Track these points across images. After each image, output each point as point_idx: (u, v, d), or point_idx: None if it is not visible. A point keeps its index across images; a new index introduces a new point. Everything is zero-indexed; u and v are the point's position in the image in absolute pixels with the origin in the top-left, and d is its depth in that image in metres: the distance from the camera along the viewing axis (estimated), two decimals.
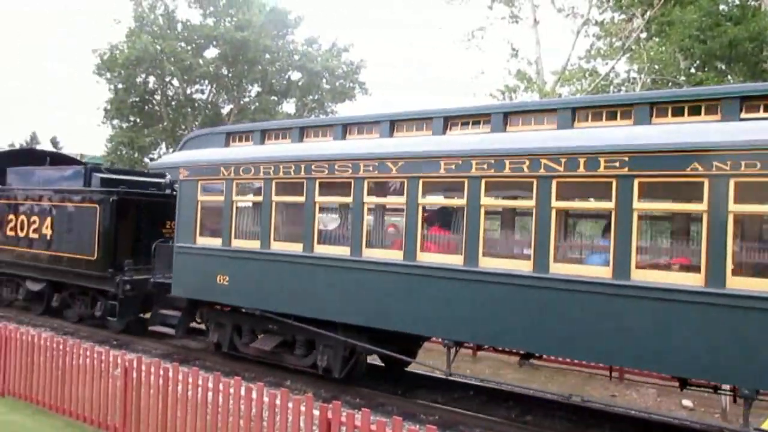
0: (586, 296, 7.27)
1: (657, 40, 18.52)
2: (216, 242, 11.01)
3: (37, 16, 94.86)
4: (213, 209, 11.32)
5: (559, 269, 7.49)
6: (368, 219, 9.64)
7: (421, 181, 8.62)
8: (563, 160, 7.44)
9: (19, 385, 8.82)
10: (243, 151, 11.01)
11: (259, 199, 10.57)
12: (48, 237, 14.65)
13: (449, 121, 8.90)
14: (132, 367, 7.43)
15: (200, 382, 6.78)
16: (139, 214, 13.90)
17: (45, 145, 40.48)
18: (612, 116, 7.63)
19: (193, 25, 30.22)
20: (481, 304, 8.02)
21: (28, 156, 17.89)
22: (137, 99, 30.53)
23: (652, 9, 18.73)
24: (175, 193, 12.04)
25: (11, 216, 15.60)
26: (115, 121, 31.24)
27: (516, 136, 8.13)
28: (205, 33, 29.35)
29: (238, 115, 29.95)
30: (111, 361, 7.71)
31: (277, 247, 10.19)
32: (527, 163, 7.72)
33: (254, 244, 10.45)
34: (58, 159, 17.96)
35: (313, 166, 9.70)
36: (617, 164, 7.08)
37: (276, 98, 31.80)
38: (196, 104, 31.64)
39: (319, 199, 9.78)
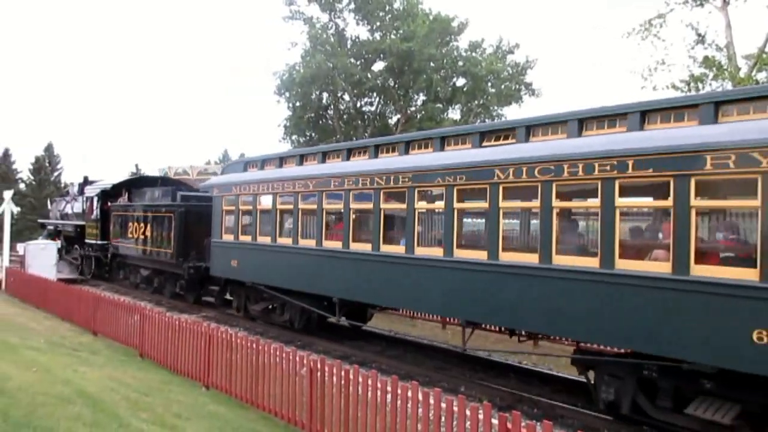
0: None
1: None
2: (231, 238, 16.38)
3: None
4: (229, 215, 16.66)
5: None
6: (303, 219, 14.08)
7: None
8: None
9: (221, 379, 9.73)
10: (246, 175, 16.40)
11: (250, 207, 15.72)
12: (149, 238, 21.27)
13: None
14: (316, 368, 7.84)
15: (379, 385, 6.97)
16: (199, 220, 18.93)
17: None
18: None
19: (361, 41, 31.54)
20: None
21: (147, 181, 25.62)
22: (312, 115, 32.50)
23: None
24: None
25: (130, 223, 22.71)
26: (294, 137, 33.50)
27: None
28: (372, 47, 30.49)
29: (405, 125, 30.67)
30: (298, 361, 8.21)
31: (261, 240, 15.25)
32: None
33: (250, 239, 15.57)
34: (165, 182, 25.21)
35: (281, 185, 14.61)
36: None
37: (441, 105, 32.08)
38: (366, 116, 32.95)
39: (280, 207, 14.69)
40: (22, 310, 17.44)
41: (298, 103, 32.00)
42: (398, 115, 32.33)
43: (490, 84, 31.07)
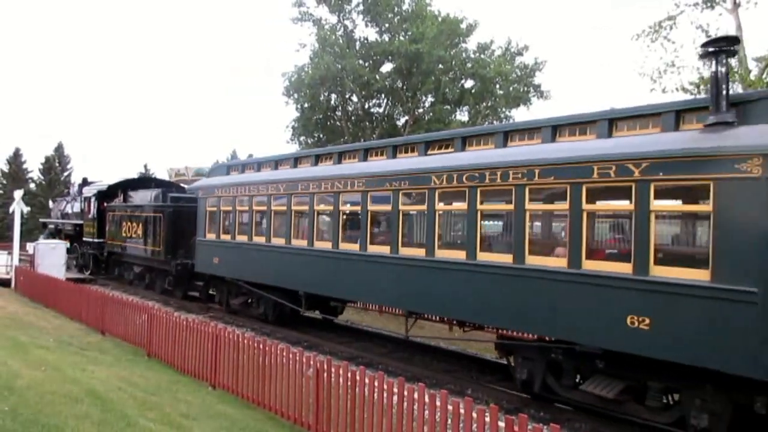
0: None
1: None
2: (213, 236, 17.73)
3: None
4: (212, 215, 17.92)
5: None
6: (275, 218, 15.39)
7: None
8: None
9: (228, 379, 9.76)
10: (227, 178, 17.72)
11: (230, 208, 16.96)
12: (141, 236, 22.55)
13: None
14: (323, 369, 7.85)
15: (385, 386, 6.97)
16: (187, 220, 19.94)
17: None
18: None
19: (370, 43, 31.58)
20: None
21: (141, 182, 26.90)
22: (321, 116, 32.56)
23: None
24: None
25: (124, 223, 23.99)
26: (302, 138, 33.57)
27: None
28: (381, 49, 30.51)
29: (413, 126, 30.68)
30: (304, 361, 8.22)
31: (239, 238, 16.45)
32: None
33: (229, 237, 16.90)
34: (159, 183, 26.36)
35: (256, 188, 15.93)
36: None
37: (449, 107, 32.06)
38: (374, 117, 32.98)
39: (255, 208, 15.99)
40: (31, 309, 17.55)
41: (306, 105, 32.07)
42: (406, 117, 32.35)
43: (498, 86, 31.03)
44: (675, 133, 8.11)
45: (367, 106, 32.84)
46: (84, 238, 27.37)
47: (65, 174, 61.19)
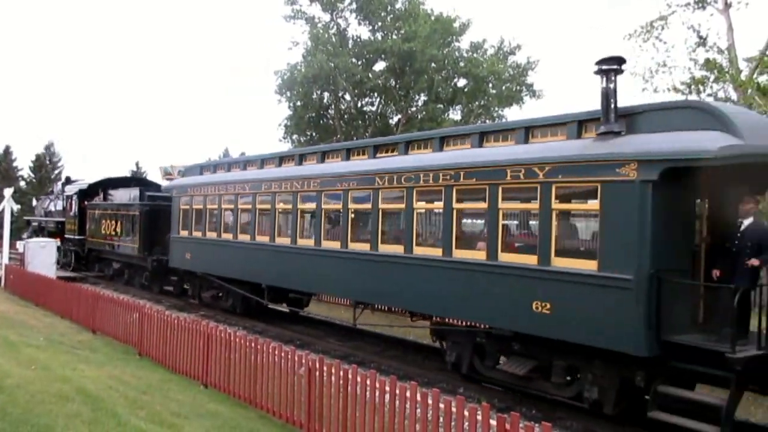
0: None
1: None
2: (186, 233, 18.68)
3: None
4: (185, 213, 18.94)
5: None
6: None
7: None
8: None
9: (220, 378, 9.73)
10: (198, 178, 18.83)
11: (201, 207, 18.03)
12: (119, 233, 23.42)
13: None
14: (315, 367, 7.84)
15: (378, 385, 6.97)
16: (162, 218, 20.89)
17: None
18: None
19: (363, 41, 31.56)
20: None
21: (121, 181, 27.24)
22: (313, 114, 32.51)
23: None
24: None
25: (103, 220, 24.84)
26: (294, 136, 33.51)
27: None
28: (374, 47, 30.51)
29: (405, 125, 30.68)
30: (296, 360, 8.21)
31: (209, 235, 17.57)
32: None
33: (200, 234, 17.91)
34: (139, 182, 27.40)
35: (225, 187, 17.05)
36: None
37: (442, 106, 32.09)
38: (367, 116, 32.96)
39: (224, 206, 17.04)
40: (21, 308, 17.44)
41: (299, 103, 32.02)
42: (399, 116, 32.35)
43: (491, 85, 31.07)
44: (576, 141, 9.09)
45: (359, 105, 32.82)
46: (66, 235, 28.22)
47: (56, 172, 60.78)
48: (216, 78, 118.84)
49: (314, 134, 33.18)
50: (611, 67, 8.77)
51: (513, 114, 31.95)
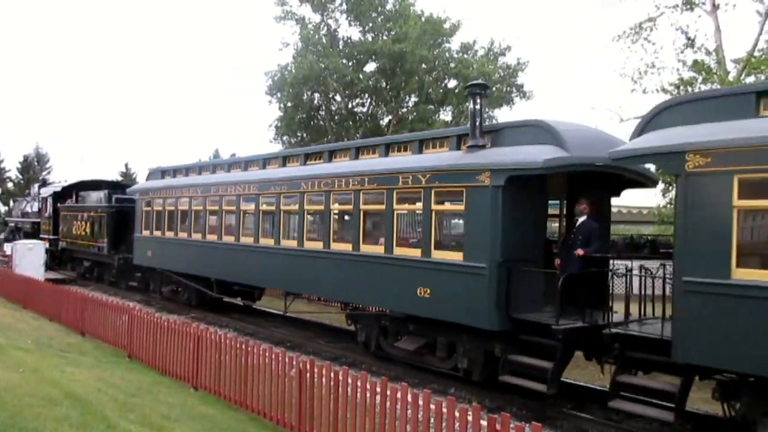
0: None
1: None
2: (147, 233, 20.55)
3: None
4: (146, 214, 20.81)
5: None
6: (192, 217, 18.38)
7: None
8: None
9: (210, 380, 9.69)
10: (158, 182, 20.87)
11: (161, 208, 19.96)
12: (90, 233, 25.00)
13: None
14: (306, 369, 7.83)
15: (368, 386, 6.97)
16: (128, 219, 22.42)
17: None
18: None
19: (353, 42, 31.49)
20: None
21: (94, 184, 28.13)
22: (304, 115, 32.40)
23: None
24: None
25: (75, 221, 26.54)
26: (285, 138, 33.39)
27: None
28: (364, 48, 30.45)
29: (396, 126, 30.66)
30: (287, 362, 8.19)
31: (168, 234, 19.33)
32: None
33: (160, 233, 19.76)
34: (109, 185, 27.73)
35: (180, 190, 19.04)
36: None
37: (433, 107, 32.08)
38: (358, 117, 32.90)
39: (180, 208, 18.87)
40: (9, 311, 17.29)
41: (289, 104, 31.91)
42: (390, 117, 32.33)
43: None
44: (453, 152, 11.00)
45: (350, 106, 32.74)
46: (41, 236, 29.62)
47: (44, 173, 60.29)
48: (216, 78, 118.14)
49: (305, 135, 33.07)
50: (476, 91, 10.60)
51: (503, 115, 32.04)
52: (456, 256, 10.37)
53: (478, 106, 10.50)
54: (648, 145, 8.15)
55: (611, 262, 10.30)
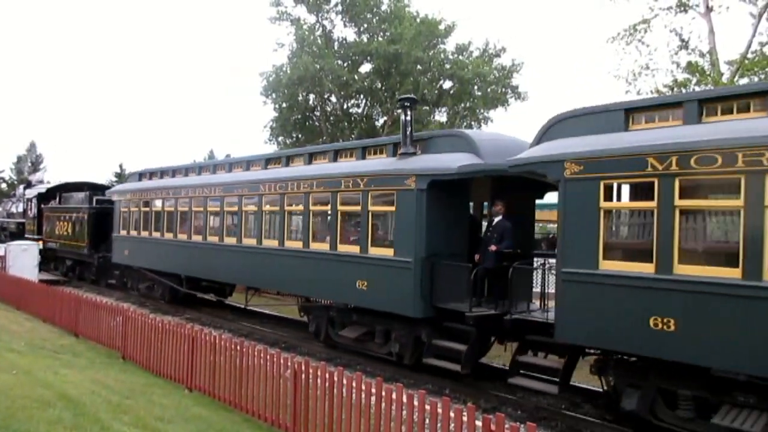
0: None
1: None
2: (125, 233, 21.77)
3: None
4: (124, 215, 22.01)
5: None
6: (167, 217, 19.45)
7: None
8: None
9: (205, 381, 9.65)
10: (133, 185, 22.25)
11: (137, 209, 21.08)
12: (72, 233, 25.88)
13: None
14: (301, 370, 7.81)
15: (363, 387, 6.96)
16: (108, 219, 23.37)
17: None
18: None
19: (348, 43, 31.49)
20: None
21: (76, 186, 28.73)
22: (299, 116, 32.36)
23: None
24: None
25: (58, 222, 27.40)
26: (280, 138, 33.33)
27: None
28: (359, 49, 30.43)
29: (391, 126, 30.66)
30: (282, 363, 8.17)
31: (143, 234, 20.51)
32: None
33: (136, 233, 20.95)
34: (91, 187, 27.94)
35: (154, 192, 20.27)
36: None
37: (428, 108, 32.08)
38: (353, 118, 32.88)
39: (153, 209, 20.04)
40: (2, 312, 17.18)
41: (284, 105, 31.86)
42: (385, 118, 32.33)
43: (476, 87, 31.11)
44: (389, 159, 12.17)
45: (345, 107, 32.74)
46: (26, 236, 30.28)
47: (37, 173, 59.97)
48: (216, 78, 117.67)
49: (300, 136, 33.04)
50: (407, 104, 11.68)
51: (498, 116, 32.16)
52: (388, 252, 11.60)
53: (408, 117, 11.64)
54: (537, 155, 9.25)
55: (546, 259, 11.48)
